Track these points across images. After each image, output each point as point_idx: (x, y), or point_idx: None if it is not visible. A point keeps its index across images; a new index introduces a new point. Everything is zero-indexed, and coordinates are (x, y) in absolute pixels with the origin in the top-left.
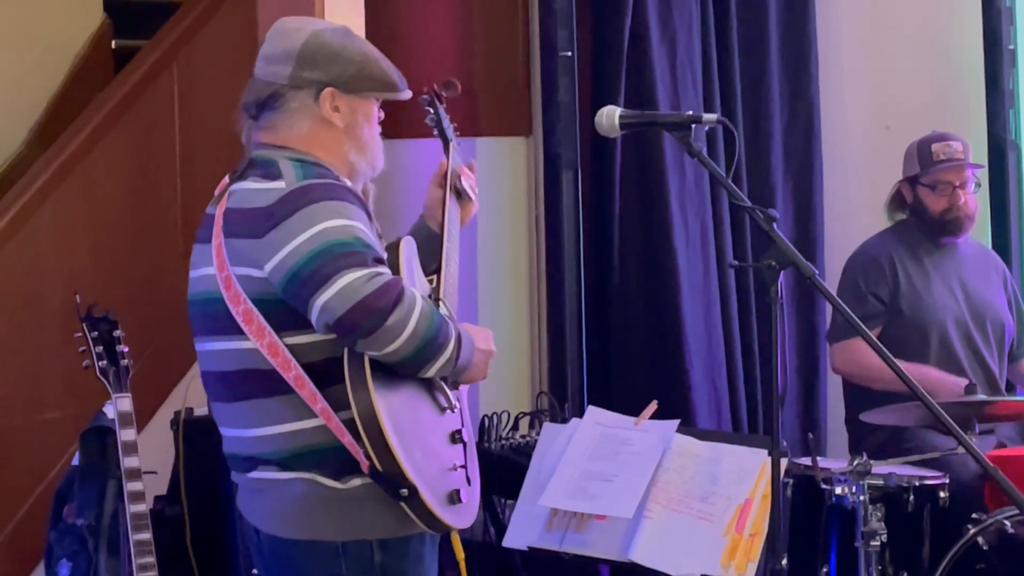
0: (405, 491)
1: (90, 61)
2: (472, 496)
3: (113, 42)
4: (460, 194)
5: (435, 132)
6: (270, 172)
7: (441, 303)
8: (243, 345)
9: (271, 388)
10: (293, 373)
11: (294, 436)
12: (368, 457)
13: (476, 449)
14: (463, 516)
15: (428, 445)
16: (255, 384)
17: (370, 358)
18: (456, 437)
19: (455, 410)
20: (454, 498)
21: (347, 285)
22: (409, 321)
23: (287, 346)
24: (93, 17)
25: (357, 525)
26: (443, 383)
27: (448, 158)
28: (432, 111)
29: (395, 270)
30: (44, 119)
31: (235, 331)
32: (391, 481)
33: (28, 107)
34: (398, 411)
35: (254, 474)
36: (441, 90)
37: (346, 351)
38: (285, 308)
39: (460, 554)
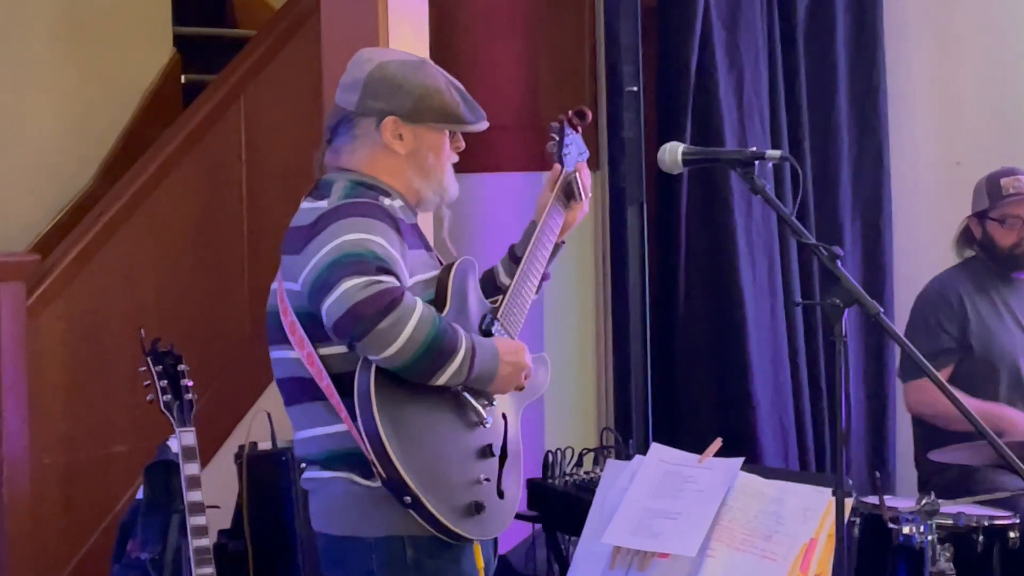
0: (408, 499)
1: (159, 95)
2: (500, 509)
3: (183, 76)
4: (571, 195)
5: (555, 160)
6: (322, 193)
7: (498, 322)
8: (291, 354)
9: (313, 394)
10: (325, 382)
11: (332, 438)
12: (373, 464)
13: (543, 483)
14: (484, 527)
15: (444, 457)
16: (301, 390)
17: (384, 370)
18: (487, 451)
19: (487, 425)
20: (472, 509)
21: (344, 291)
22: (405, 327)
23: (320, 356)
24: (163, 52)
25: (389, 522)
26: (471, 399)
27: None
28: (556, 138)
29: (443, 289)
30: (113, 153)
31: (285, 341)
32: (396, 489)
33: (98, 141)
34: (408, 423)
35: (306, 475)
36: (574, 118)
37: (359, 364)
38: (318, 320)
39: (480, 563)
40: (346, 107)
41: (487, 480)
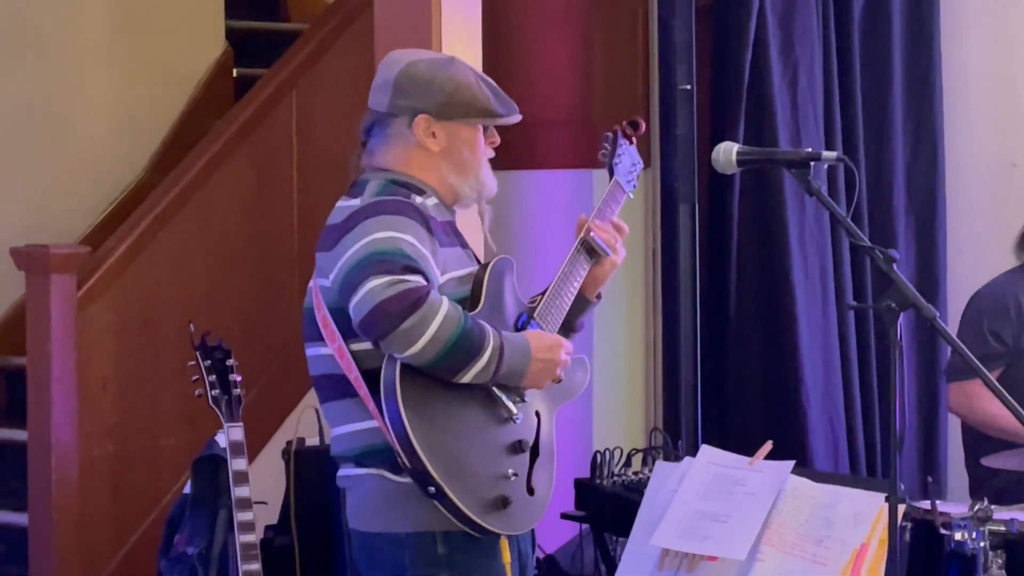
0: (432, 489)
1: (211, 89)
2: (529, 506)
3: (234, 70)
4: (591, 252)
5: (605, 168)
6: (357, 192)
7: (535, 322)
8: (324, 351)
9: (346, 390)
10: (354, 375)
11: (363, 434)
12: (398, 455)
13: (591, 483)
14: (510, 522)
15: (470, 450)
16: (334, 387)
17: (411, 366)
18: (517, 447)
19: (517, 421)
20: (499, 504)
21: (369, 290)
22: (429, 325)
23: (351, 352)
24: (215, 45)
25: (420, 517)
26: (501, 394)
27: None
28: (608, 147)
29: (478, 287)
30: (165, 145)
31: (320, 338)
32: (420, 479)
33: (150, 133)
34: (434, 415)
35: (340, 472)
36: (627, 128)
37: (386, 357)
38: (349, 316)
39: (506, 558)
40: (378, 109)
41: (515, 475)
